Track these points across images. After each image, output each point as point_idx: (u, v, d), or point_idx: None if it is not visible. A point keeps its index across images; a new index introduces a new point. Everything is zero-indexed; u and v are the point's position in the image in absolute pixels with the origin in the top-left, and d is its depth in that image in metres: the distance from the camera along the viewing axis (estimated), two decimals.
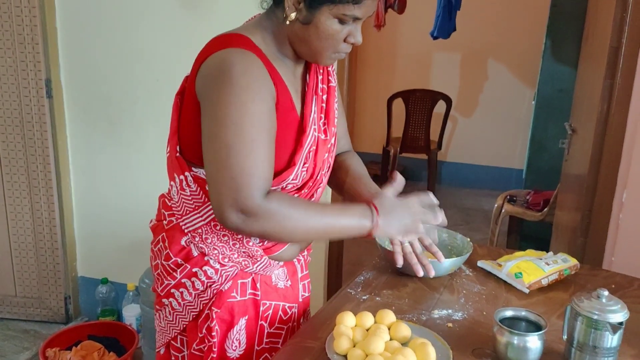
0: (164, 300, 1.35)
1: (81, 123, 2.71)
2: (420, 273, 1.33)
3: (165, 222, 1.34)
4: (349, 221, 1.21)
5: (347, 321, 1.22)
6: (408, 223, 1.27)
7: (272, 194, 1.14)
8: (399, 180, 1.31)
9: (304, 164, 1.25)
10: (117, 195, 2.74)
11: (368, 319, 1.24)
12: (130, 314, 2.74)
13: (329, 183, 1.46)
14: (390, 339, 1.19)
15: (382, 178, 5.28)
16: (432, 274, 1.34)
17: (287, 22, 1.16)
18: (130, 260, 2.71)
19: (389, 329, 1.22)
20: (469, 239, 1.61)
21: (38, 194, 2.72)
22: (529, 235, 3.66)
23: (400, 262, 1.30)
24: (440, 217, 1.30)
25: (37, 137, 2.64)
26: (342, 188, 1.43)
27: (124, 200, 2.73)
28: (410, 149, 4.93)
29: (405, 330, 1.21)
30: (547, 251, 1.64)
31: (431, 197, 1.31)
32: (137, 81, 2.56)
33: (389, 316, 1.25)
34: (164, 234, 1.34)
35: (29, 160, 2.68)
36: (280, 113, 1.18)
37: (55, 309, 2.89)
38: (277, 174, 1.21)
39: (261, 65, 1.14)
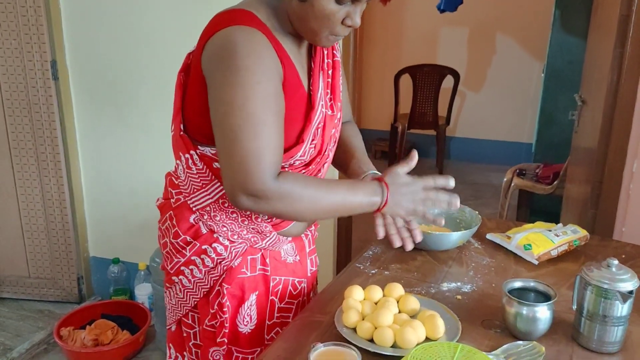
0: (174, 277, 1.36)
1: (87, 105, 2.71)
2: (396, 244, 1.28)
3: (172, 200, 1.34)
4: (360, 199, 1.19)
5: (356, 295, 1.22)
6: (418, 203, 1.22)
7: (284, 175, 1.13)
8: (413, 157, 1.26)
9: (312, 140, 1.24)
10: (125, 175, 2.75)
11: (377, 292, 1.24)
12: (142, 292, 2.76)
13: None
14: (399, 312, 1.20)
15: (390, 155, 5.27)
16: (409, 247, 1.29)
17: None
18: (141, 239, 2.73)
19: (397, 302, 1.22)
20: (477, 212, 1.61)
21: (48, 175, 2.74)
22: (539, 209, 3.65)
23: (381, 234, 1.27)
24: (455, 203, 1.23)
25: (44, 119, 2.65)
26: (334, 161, 1.42)
27: (133, 180, 2.74)
28: (418, 125, 4.90)
29: (413, 302, 1.21)
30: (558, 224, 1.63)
31: (448, 181, 1.24)
32: (142, 63, 2.55)
33: (397, 289, 1.25)
34: (171, 212, 1.34)
35: (38, 142, 2.69)
36: (288, 90, 1.17)
37: (68, 289, 2.93)
38: (285, 150, 1.20)
39: (267, 42, 1.12)
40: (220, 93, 1.10)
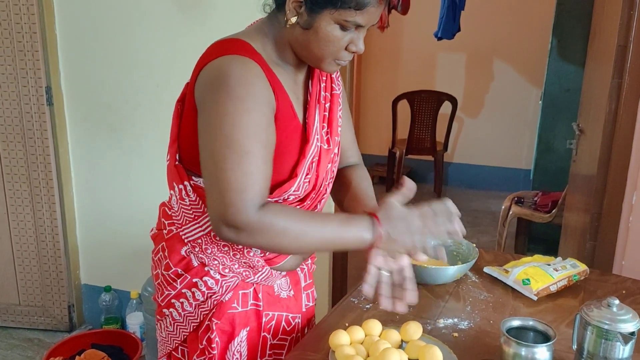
0: (165, 310, 1.33)
1: (82, 130, 2.69)
2: (385, 305, 1.14)
3: (165, 231, 1.31)
4: (348, 234, 1.11)
5: (342, 340, 1.18)
6: (416, 236, 1.11)
7: (268, 207, 1.08)
8: (409, 186, 1.15)
9: (307, 175, 1.22)
10: (119, 202, 2.72)
11: (375, 327, 1.22)
12: (134, 322, 2.71)
13: (333, 198, 1.42)
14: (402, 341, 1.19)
15: (388, 180, 5.25)
16: (399, 309, 1.14)
17: (288, 26, 1.13)
18: (134, 267, 2.69)
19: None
20: (474, 245, 1.58)
21: (40, 202, 2.70)
22: (538, 237, 3.61)
23: (368, 293, 1.13)
24: (457, 227, 1.12)
25: (38, 144, 2.63)
26: (342, 206, 1.37)
27: (127, 207, 2.71)
28: (416, 150, 4.90)
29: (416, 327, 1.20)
30: (556, 253, 1.60)
31: (448, 206, 1.14)
32: (137, 87, 2.54)
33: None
34: (163, 243, 1.31)
35: (31, 168, 2.66)
36: (281, 122, 1.15)
37: (59, 318, 2.87)
38: (279, 185, 1.18)
39: (260, 72, 1.11)
40: (209, 120, 1.09)
